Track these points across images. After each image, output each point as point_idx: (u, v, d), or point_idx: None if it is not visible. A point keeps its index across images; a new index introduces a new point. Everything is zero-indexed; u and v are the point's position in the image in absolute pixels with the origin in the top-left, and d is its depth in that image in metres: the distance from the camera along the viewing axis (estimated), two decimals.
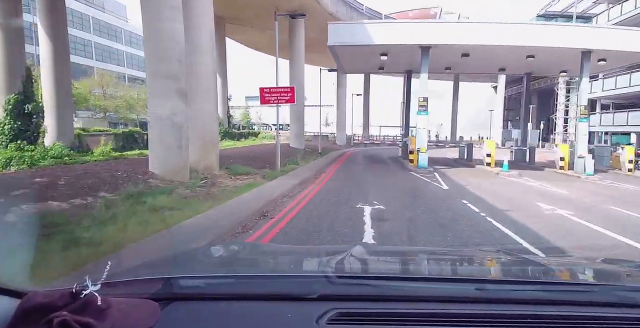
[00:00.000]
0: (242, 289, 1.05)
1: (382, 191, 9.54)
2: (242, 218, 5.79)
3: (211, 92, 10.75)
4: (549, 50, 15.04)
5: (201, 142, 10.58)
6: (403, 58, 17.93)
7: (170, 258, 1.82)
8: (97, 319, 0.75)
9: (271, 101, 11.36)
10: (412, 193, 9.52)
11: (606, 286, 1.17)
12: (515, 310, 0.95)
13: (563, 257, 4.02)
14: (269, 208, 6.82)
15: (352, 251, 1.44)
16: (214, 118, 10.80)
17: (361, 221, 6.13)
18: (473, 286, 1.04)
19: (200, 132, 10.60)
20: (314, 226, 5.76)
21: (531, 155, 20.00)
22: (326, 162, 17.14)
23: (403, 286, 1.08)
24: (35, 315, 0.73)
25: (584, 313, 0.95)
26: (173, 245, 4.35)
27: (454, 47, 14.95)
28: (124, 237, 4.23)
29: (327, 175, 12.64)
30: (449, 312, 0.94)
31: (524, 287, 1.08)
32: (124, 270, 1.37)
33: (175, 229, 4.92)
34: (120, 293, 0.92)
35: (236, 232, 5.26)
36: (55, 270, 2.89)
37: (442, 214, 6.82)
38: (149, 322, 0.84)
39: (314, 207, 7.19)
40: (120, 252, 3.73)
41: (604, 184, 12.45)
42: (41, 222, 4.54)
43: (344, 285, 1.04)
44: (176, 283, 1.04)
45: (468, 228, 5.82)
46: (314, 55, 35.78)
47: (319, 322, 0.89)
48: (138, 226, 4.75)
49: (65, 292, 0.78)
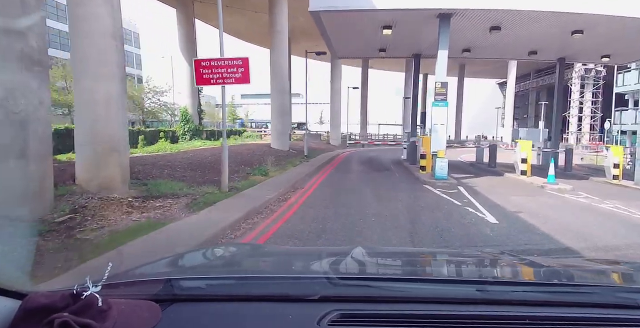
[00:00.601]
0: (243, 290, 1.05)
1: (390, 234, 5.45)
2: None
3: (112, 65, 6.60)
4: (609, 23, 11.01)
5: (92, 146, 6.46)
6: (411, 36, 13.87)
7: (171, 260, 1.61)
8: (98, 320, 0.75)
9: (212, 81, 7.21)
10: (444, 234, 5.43)
11: (607, 287, 1.16)
12: (516, 311, 0.94)
13: (564, 259, 3.57)
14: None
15: (354, 252, 1.45)
16: (118, 107, 6.64)
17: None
18: (474, 287, 1.04)
19: (90, 131, 6.48)
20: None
21: (568, 160, 15.94)
22: (309, 171, 12.90)
23: (404, 287, 1.07)
24: (36, 316, 0.73)
25: (585, 314, 0.94)
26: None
27: (483, 14, 10.89)
28: None
29: (303, 195, 8.45)
30: (450, 313, 0.93)
31: (525, 288, 1.09)
32: (125, 271, 1.28)
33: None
34: (121, 295, 0.93)
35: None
36: None
37: None
38: (150, 323, 0.84)
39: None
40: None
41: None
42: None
43: (345, 287, 1.04)
44: (177, 284, 1.03)
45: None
46: (307, 45, 31.90)
47: (320, 324, 0.88)
48: None
49: (66, 293, 0.78)
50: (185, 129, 22.70)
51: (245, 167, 11.41)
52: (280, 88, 19.40)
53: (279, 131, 19.58)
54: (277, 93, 19.44)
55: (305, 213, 6.54)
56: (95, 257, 3.68)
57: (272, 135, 20.19)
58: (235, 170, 10.60)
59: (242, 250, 1.84)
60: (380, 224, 5.92)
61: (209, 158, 12.51)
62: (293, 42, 35.20)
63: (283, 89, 19.46)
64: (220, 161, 7.79)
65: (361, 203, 7.70)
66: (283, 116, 19.60)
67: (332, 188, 9.91)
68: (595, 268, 1.66)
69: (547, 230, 5.68)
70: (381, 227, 5.74)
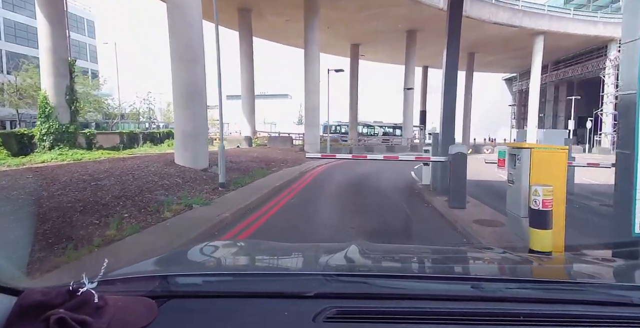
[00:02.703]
0: (239, 287, 1.04)
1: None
2: None
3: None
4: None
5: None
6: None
7: (167, 256, 1.69)
8: (94, 317, 0.75)
9: None
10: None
11: (601, 285, 1.18)
12: (510, 308, 0.94)
13: (559, 256, 3.26)
14: None
15: (350, 249, 1.46)
16: None
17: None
18: (469, 284, 1.04)
19: None
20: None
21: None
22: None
23: (400, 284, 1.07)
24: (32, 313, 0.73)
25: (579, 311, 0.94)
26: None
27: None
28: None
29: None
30: (445, 310, 0.93)
31: (520, 285, 1.09)
32: (121, 267, 1.26)
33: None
34: (117, 291, 0.92)
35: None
36: None
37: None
38: (146, 320, 0.83)
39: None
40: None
41: None
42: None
43: (341, 283, 1.04)
44: (173, 280, 1.03)
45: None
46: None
47: (316, 320, 0.88)
48: None
49: (62, 289, 0.78)
50: (44, 130, 13.42)
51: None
52: (186, 54, 10.36)
53: (187, 133, 10.45)
54: (181, 63, 10.39)
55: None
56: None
57: (176, 141, 11.03)
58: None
59: (239, 247, 1.82)
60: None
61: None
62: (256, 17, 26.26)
63: (193, 55, 10.42)
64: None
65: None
66: (195, 105, 10.49)
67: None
68: (588, 265, 1.64)
69: None
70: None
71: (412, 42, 32.47)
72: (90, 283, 0.79)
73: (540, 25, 33.77)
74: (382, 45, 38.04)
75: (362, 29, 31.82)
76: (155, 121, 38.21)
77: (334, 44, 37.13)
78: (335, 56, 41.91)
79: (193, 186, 8.48)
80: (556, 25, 34.79)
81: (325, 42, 36.75)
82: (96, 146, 17.98)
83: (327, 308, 0.89)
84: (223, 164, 8.67)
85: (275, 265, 1.49)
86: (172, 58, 10.61)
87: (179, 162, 10.55)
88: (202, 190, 8.16)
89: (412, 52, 32.73)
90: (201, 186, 8.56)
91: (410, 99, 32.50)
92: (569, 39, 36.99)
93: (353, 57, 37.91)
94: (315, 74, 22.66)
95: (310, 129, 23.11)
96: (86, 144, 17.65)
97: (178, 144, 10.77)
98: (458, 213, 6.69)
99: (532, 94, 37.18)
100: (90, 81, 26.71)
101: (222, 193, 8.13)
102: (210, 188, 8.40)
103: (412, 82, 32.62)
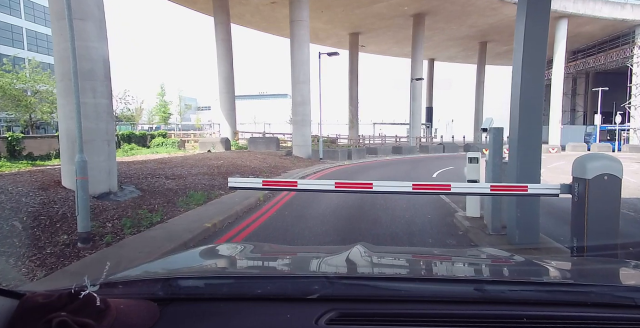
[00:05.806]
0: (241, 290, 1.03)
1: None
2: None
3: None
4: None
5: None
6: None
7: (169, 259, 1.72)
8: (96, 320, 0.75)
9: None
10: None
11: (605, 286, 1.13)
12: (513, 310, 0.93)
13: (562, 258, 3.48)
14: None
15: (352, 251, 1.43)
16: None
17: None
18: (472, 286, 1.03)
19: None
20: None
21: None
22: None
23: (403, 286, 1.05)
24: (34, 316, 0.73)
25: (583, 313, 0.93)
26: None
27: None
28: None
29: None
30: (449, 312, 0.92)
31: (523, 287, 1.07)
32: (123, 270, 1.27)
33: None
34: (119, 294, 0.92)
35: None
36: None
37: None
38: (148, 323, 0.83)
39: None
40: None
41: None
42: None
43: (343, 286, 1.02)
44: (175, 283, 1.01)
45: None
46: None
47: (318, 323, 0.87)
48: None
49: (63, 292, 0.78)
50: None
51: None
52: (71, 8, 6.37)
53: (73, 137, 6.43)
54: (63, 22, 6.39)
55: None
56: None
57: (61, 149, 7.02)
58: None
59: (241, 250, 1.78)
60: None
61: None
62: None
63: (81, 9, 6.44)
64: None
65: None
66: (87, 91, 6.50)
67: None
68: (592, 267, 1.63)
69: None
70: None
71: (419, 27, 28.45)
72: (92, 286, 0.78)
73: (564, 7, 29.70)
74: (384, 34, 34.01)
75: (362, 13, 27.81)
76: (135, 123, 34.33)
77: (331, 32, 33.14)
78: (332, 48, 37.96)
79: (39, 237, 4.53)
80: (581, 7, 30.75)
81: (320, 31, 32.74)
82: (22, 154, 14.12)
83: (329, 311, 0.90)
84: (86, 204, 4.63)
85: (278, 268, 1.47)
86: (51, 17, 6.65)
87: (66, 184, 6.60)
88: (39, 252, 4.19)
89: (420, 38, 28.65)
90: (55, 237, 4.59)
91: (418, 92, 28.42)
92: (593, 23, 32.95)
93: (352, 48, 33.93)
94: (305, 62, 18.59)
95: (299, 127, 19.00)
96: (7, 151, 13.81)
97: (63, 154, 6.77)
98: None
99: (555, 87, 32.97)
100: (30, 73, 22.65)
101: (67, 260, 4.13)
102: (61, 247, 4.40)
103: (420, 73, 28.57)
